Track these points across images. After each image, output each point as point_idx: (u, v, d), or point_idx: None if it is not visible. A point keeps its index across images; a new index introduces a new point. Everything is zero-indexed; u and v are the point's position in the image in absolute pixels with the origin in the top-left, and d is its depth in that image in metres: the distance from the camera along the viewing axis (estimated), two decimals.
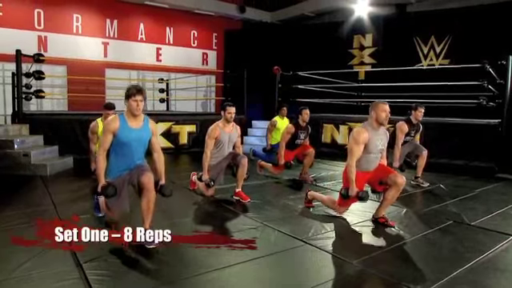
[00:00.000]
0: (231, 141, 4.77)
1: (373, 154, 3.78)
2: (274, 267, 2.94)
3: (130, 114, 3.27)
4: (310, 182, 5.80)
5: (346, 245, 3.38)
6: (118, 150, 3.28)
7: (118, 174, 3.28)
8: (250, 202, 4.63)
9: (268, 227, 3.74)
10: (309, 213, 4.30)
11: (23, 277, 2.63)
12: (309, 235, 3.52)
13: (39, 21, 10.60)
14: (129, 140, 3.24)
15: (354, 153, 3.71)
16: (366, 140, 3.69)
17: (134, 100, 3.19)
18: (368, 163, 3.83)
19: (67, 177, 6.09)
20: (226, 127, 4.71)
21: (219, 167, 4.71)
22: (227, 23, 13.47)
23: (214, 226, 3.89)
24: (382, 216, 3.91)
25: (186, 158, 8.08)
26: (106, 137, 3.24)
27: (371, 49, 11.40)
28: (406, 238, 3.52)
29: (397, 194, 3.85)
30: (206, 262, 2.93)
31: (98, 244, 3.19)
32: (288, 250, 3.21)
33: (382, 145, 3.84)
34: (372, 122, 3.77)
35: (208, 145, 4.65)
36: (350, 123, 8.49)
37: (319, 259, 3.06)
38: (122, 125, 3.24)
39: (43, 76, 7.80)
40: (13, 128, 7.00)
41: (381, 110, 3.70)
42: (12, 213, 4.05)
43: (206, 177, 4.63)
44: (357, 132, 3.74)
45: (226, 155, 4.75)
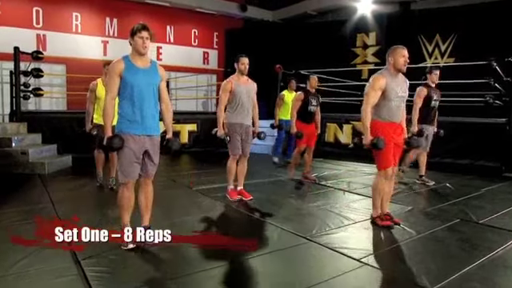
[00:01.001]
0: (249, 94, 4.53)
1: (393, 101, 3.56)
2: (277, 264, 2.91)
3: (135, 54, 3.01)
4: (312, 181, 5.76)
5: (350, 242, 3.34)
6: (126, 95, 2.99)
7: (132, 128, 2.99)
8: (253, 200, 4.60)
9: (271, 225, 3.71)
10: (312, 211, 4.26)
11: (20, 273, 2.60)
12: (312, 233, 3.49)
13: (38, 19, 10.60)
14: (136, 80, 2.96)
15: (370, 98, 3.52)
16: (382, 86, 3.51)
17: (139, 37, 2.94)
18: (390, 112, 3.60)
19: (66, 175, 6.07)
20: (241, 79, 4.52)
21: (235, 131, 4.48)
22: (228, 22, 13.47)
23: (215, 225, 3.85)
24: (388, 213, 3.87)
25: (186, 158, 8.06)
26: (113, 80, 2.97)
27: (375, 47, 11.36)
28: (412, 235, 3.47)
29: (391, 184, 3.81)
30: (207, 259, 2.91)
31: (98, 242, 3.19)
32: (291, 248, 3.18)
33: (403, 91, 3.62)
34: (389, 69, 3.58)
35: (222, 99, 4.47)
36: (353, 122, 8.45)
37: (323, 256, 3.03)
38: (127, 64, 2.97)
39: (42, 74, 7.77)
40: (11, 126, 6.99)
41: (399, 55, 3.51)
42: (9, 210, 4.03)
43: (222, 132, 4.46)
44: (373, 78, 3.57)
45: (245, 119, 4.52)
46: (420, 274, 2.70)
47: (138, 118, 3.01)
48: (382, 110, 3.60)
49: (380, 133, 3.56)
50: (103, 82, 5.05)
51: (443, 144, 5.70)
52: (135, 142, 3.01)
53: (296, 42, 12.08)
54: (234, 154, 4.58)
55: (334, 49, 11.45)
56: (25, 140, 6.66)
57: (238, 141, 4.52)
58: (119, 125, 3.04)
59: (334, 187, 5.44)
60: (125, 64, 2.98)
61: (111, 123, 3.03)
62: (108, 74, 3.05)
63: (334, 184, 5.65)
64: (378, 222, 3.77)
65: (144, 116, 3.02)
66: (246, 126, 4.57)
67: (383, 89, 3.53)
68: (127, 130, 3.00)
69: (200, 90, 13.13)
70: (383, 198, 3.84)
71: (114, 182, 5.09)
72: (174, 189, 5.18)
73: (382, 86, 3.52)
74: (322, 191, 5.23)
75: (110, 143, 2.93)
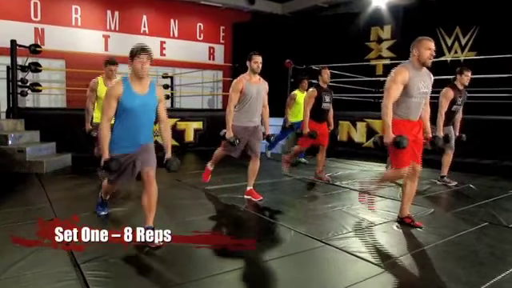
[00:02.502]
0: (260, 94, 4.47)
1: (414, 97, 3.46)
2: (292, 269, 2.81)
3: (134, 78, 3.08)
4: (326, 181, 5.65)
5: (369, 246, 3.23)
6: (122, 118, 3.11)
7: (123, 149, 3.14)
8: (263, 200, 4.50)
9: (283, 227, 3.61)
10: (327, 213, 4.15)
11: (16, 277, 2.53)
12: (328, 236, 3.39)
13: (36, 12, 10.61)
14: (133, 106, 3.06)
15: (391, 93, 3.41)
16: (405, 80, 3.39)
17: (138, 60, 2.99)
18: (409, 109, 3.50)
19: (65, 175, 6.02)
20: (253, 79, 4.44)
21: (242, 135, 4.42)
22: (235, 15, 13.39)
23: (222, 226, 3.78)
24: (408, 215, 3.76)
25: (192, 157, 7.98)
26: (110, 103, 3.07)
27: (390, 41, 11.22)
28: (436, 239, 3.35)
29: (414, 185, 3.70)
30: (216, 263, 2.83)
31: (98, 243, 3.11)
32: (306, 251, 3.08)
33: (426, 87, 3.51)
34: (413, 62, 3.45)
35: (232, 98, 4.40)
36: (368, 120, 8.33)
37: (341, 261, 2.93)
38: (126, 90, 3.06)
39: (40, 68, 7.73)
40: (7, 123, 6.95)
41: (424, 48, 3.39)
42: (5, 211, 3.97)
43: (231, 134, 4.39)
44: (395, 71, 3.45)
45: (253, 120, 4.47)
46: (448, 281, 2.59)
47: (132, 140, 3.14)
48: (401, 107, 3.50)
49: (397, 131, 3.44)
50: (104, 80, 5.01)
51: (465, 143, 5.56)
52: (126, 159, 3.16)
53: (306, 36, 11.98)
54: (227, 151, 4.56)
55: (346, 43, 11.34)
56: (22, 138, 6.61)
57: (240, 144, 4.46)
58: (112, 144, 3.13)
59: (349, 188, 5.33)
60: (123, 88, 3.06)
61: (107, 145, 3.12)
62: (106, 96, 3.14)
63: (349, 184, 5.54)
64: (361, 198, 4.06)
65: (138, 138, 3.16)
66: (253, 127, 4.50)
67: (406, 83, 3.41)
68: (119, 150, 3.13)
69: (205, 87, 13.07)
70: (404, 199, 3.74)
71: None
72: (178, 188, 5.10)
73: (404, 79, 3.40)
74: (337, 192, 5.13)
75: (107, 166, 3.08)
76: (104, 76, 5.04)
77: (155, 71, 12.21)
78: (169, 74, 11.65)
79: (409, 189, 3.69)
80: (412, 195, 3.75)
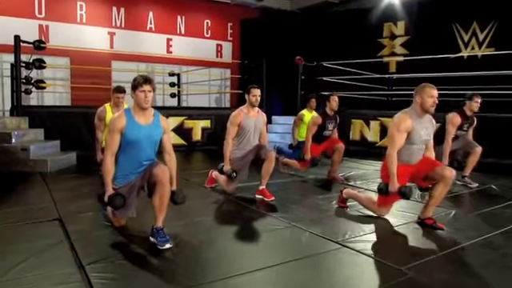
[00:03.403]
0: (257, 128, 4.56)
1: (415, 145, 3.56)
2: (309, 272, 2.69)
3: (137, 109, 3.10)
4: (340, 181, 5.53)
5: (390, 249, 3.12)
6: (126, 150, 3.11)
7: (125, 179, 3.14)
8: (275, 200, 4.40)
9: (297, 228, 3.50)
10: (342, 213, 4.04)
11: (17, 279, 2.44)
12: (345, 237, 3.27)
13: (40, 8, 10.59)
14: (137, 138, 3.07)
15: (396, 141, 3.49)
16: (408, 128, 3.47)
17: (141, 91, 3.01)
18: (410, 156, 3.60)
19: (69, 174, 5.95)
20: (251, 112, 4.53)
21: (244, 161, 4.51)
22: (243, 12, 13.30)
23: (234, 226, 3.67)
24: (430, 217, 3.63)
25: (199, 156, 7.91)
26: (113, 137, 3.06)
27: (403, 38, 11.04)
28: (460, 242, 3.22)
29: (445, 190, 3.57)
30: (229, 265, 2.73)
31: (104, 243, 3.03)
32: (323, 254, 2.96)
33: (427, 135, 3.61)
34: (416, 108, 3.53)
35: (230, 132, 4.48)
36: (381, 118, 8.19)
37: (360, 264, 2.81)
38: (128, 121, 3.06)
39: (44, 65, 7.70)
40: (11, 121, 6.91)
41: (427, 95, 3.45)
42: (6, 210, 3.91)
43: (228, 167, 4.45)
44: (398, 118, 3.53)
45: (251, 147, 4.54)
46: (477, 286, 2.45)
47: (137, 169, 3.12)
48: (402, 153, 3.57)
49: (399, 177, 3.51)
50: (112, 108, 5.00)
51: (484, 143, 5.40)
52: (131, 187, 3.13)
53: (317, 33, 11.85)
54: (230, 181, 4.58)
55: (358, 40, 11.17)
56: (26, 136, 6.57)
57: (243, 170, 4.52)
58: (117, 176, 3.11)
59: (364, 188, 5.21)
60: (126, 120, 3.07)
61: (110, 179, 3.07)
62: (108, 129, 3.13)
63: (363, 184, 5.42)
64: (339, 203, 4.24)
65: (142, 166, 3.13)
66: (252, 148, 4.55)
67: (409, 131, 3.47)
68: (123, 180, 3.12)
69: (213, 85, 12.99)
70: (431, 201, 3.63)
71: None
72: (187, 188, 4.95)
73: (407, 127, 3.48)
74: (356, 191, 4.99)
75: (111, 203, 3.04)
76: (111, 104, 5.02)
77: (162, 69, 12.20)
78: (175, 72, 11.61)
79: (439, 192, 3.56)
80: (440, 199, 3.64)
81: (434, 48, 9.59)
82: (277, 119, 9.94)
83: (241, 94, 12.29)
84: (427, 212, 3.65)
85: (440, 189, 3.54)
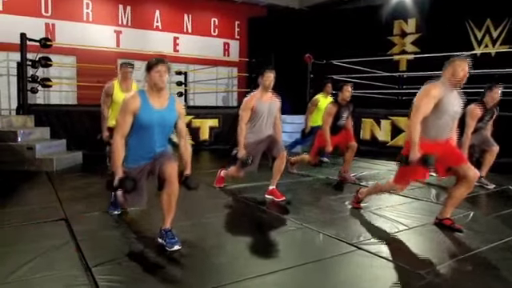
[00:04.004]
0: (271, 112, 4.40)
1: (444, 117, 3.32)
2: (323, 275, 2.60)
3: (152, 91, 2.95)
4: (351, 182, 5.43)
5: (407, 251, 3.01)
6: (137, 133, 2.97)
7: (136, 163, 2.99)
8: (285, 201, 4.31)
9: (309, 229, 3.41)
10: (356, 214, 3.94)
11: (22, 281, 2.39)
12: (360, 239, 3.18)
13: (46, 7, 10.60)
14: (151, 122, 2.93)
15: (421, 108, 3.25)
16: (438, 95, 3.23)
17: (156, 71, 2.87)
18: (438, 129, 3.36)
19: (75, 173, 5.90)
20: (264, 96, 4.36)
21: (256, 149, 4.35)
22: (251, 10, 13.23)
23: (244, 227, 3.59)
24: (448, 218, 3.52)
25: (207, 155, 7.82)
26: (125, 119, 2.91)
27: (414, 35, 10.93)
28: (481, 245, 3.10)
29: (467, 192, 3.46)
30: (240, 268, 2.65)
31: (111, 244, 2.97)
32: (338, 256, 2.87)
33: (458, 107, 3.37)
34: (445, 81, 3.30)
35: (242, 117, 4.34)
36: (392, 117, 8.07)
37: (376, 267, 2.71)
38: (143, 104, 2.91)
39: (50, 63, 7.67)
40: (16, 119, 6.88)
41: (458, 69, 3.22)
42: (13, 210, 3.87)
43: (243, 152, 4.29)
44: (427, 86, 3.31)
45: (265, 134, 4.38)
46: None
47: (148, 153, 3.00)
48: (430, 127, 3.35)
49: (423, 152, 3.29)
50: (120, 85, 4.89)
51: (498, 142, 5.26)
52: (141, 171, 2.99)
53: (325, 31, 11.75)
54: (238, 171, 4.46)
55: (367, 37, 11.07)
56: (32, 134, 6.53)
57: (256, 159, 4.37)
58: (127, 159, 2.97)
59: None
60: (141, 102, 2.92)
61: (120, 163, 2.94)
62: (121, 110, 2.98)
63: None
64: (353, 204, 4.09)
65: (154, 150, 3.01)
66: (266, 136, 4.41)
67: (437, 99, 3.26)
68: (134, 163, 2.98)
69: (220, 84, 12.93)
70: (450, 202, 3.52)
71: None
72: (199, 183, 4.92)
73: (437, 95, 3.26)
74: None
75: (122, 186, 2.89)
76: (119, 79, 4.91)
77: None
78: (182, 71, 11.55)
79: (460, 193, 3.46)
80: (460, 200, 3.53)
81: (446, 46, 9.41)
82: (285, 118, 9.79)
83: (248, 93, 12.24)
84: (446, 212, 3.54)
85: (462, 190, 3.43)
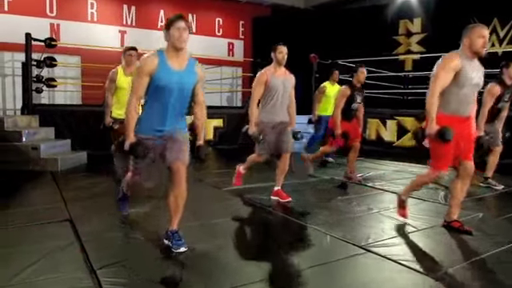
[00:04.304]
0: (286, 88, 4.22)
1: (465, 88, 3.15)
2: (331, 279, 2.55)
3: (171, 50, 2.76)
4: (357, 182, 5.36)
5: (417, 254, 2.95)
6: (154, 97, 2.80)
7: (151, 131, 2.82)
8: (291, 202, 4.26)
9: (317, 231, 3.36)
10: (363, 216, 3.88)
11: (26, 283, 2.35)
12: (368, 241, 3.12)
13: (51, 7, 10.56)
14: (168, 84, 2.73)
15: (439, 80, 3.10)
16: (456, 67, 3.08)
17: (175, 28, 2.69)
18: (460, 102, 3.19)
19: (80, 173, 5.88)
20: (278, 71, 4.22)
21: (268, 132, 4.18)
22: (255, 10, 13.15)
23: (250, 229, 3.55)
24: (456, 219, 3.45)
25: (212, 155, 7.72)
26: (141, 80, 2.73)
27: (420, 35, 10.83)
28: (491, 248, 3.04)
29: (466, 186, 3.40)
30: (245, 272, 2.60)
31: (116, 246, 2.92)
32: (346, 259, 2.82)
33: (479, 78, 3.20)
34: (464, 51, 3.15)
35: (255, 93, 4.18)
36: (398, 117, 8.00)
37: (386, 270, 2.65)
38: (161, 64, 2.72)
39: (55, 63, 7.65)
40: (21, 119, 6.86)
41: (477, 36, 3.09)
42: (17, 210, 3.84)
43: (254, 129, 4.16)
44: (445, 57, 3.14)
45: (280, 117, 4.21)
46: None
47: (162, 121, 2.83)
48: (450, 100, 3.19)
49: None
50: (124, 70, 4.84)
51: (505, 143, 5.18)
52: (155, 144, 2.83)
53: (330, 31, 11.67)
54: (259, 154, 4.30)
55: (372, 37, 10.97)
56: (36, 134, 6.52)
57: (270, 141, 4.21)
58: (140, 128, 2.83)
59: (383, 189, 5.03)
60: (158, 62, 2.73)
61: (132, 127, 2.81)
62: (137, 71, 2.80)
63: (383, 185, 5.24)
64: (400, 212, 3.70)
65: (170, 120, 2.85)
66: (280, 122, 4.25)
67: (457, 70, 3.10)
68: (147, 132, 2.82)
69: (224, 84, 12.87)
70: (453, 202, 3.45)
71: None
72: (201, 188, 4.88)
73: (456, 66, 3.09)
74: (370, 193, 4.84)
75: (133, 151, 2.75)
76: (123, 65, 4.87)
77: None
78: None
79: (459, 190, 3.38)
80: (462, 197, 3.44)
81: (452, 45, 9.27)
82: None
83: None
84: (453, 214, 3.46)
85: (459, 187, 3.37)
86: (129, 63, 4.81)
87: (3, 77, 10.21)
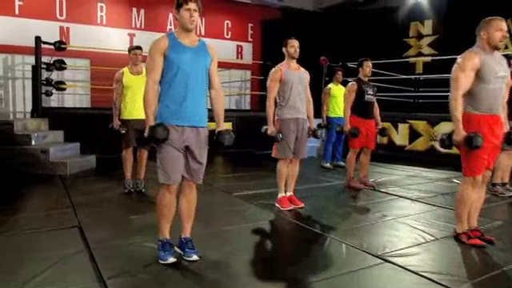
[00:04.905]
0: (302, 82, 4.11)
1: (491, 83, 2.99)
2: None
3: (181, 31, 2.67)
4: (370, 187, 5.24)
5: (437, 265, 2.83)
6: (168, 78, 2.63)
7: (171, 118, 2.61)
8: (304, 208, 4.15)
9: (332, 239, 3.24)
10: (378, 223, 3.76)
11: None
12: (385, 250, 3.01)
13: (61, 10, 10.57)
14: (183, 61, 2.60)
15: (460, 83, 2.96)
16: (475, 65, 2.95)
17: (186, 9, 2.59)
18: (490, 98, 3.02)
19: (89, 177, 5.82)
20: (292, 65, 4.13)
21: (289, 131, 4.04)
22: (264, 12, 13.07)
23: (263, 236, 3.44)
24: (476, 228, 3.32)
25: (221, 159, 7.68)
26: (155, 60, 2.61)
27: (431, 37, 10.66)
28: None
29: (483, 192, 3.28)
30: (259, 282, 2.49)
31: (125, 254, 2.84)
32: (364, 269, 2.70)
33: (504, 71, 3.05)
34: (483, 46, 3.04)
35: (271, 89, 4.07)
36: (410, 121, 7.85)
37: (406, 282, 2.54)
38: (172, 42, 2.62)
39: (65, 66, 7.63)
40: (31, 123, 6.82)
41: (495, 29, 2.98)
42: (27, 215, 3.79)
43: (272, 129, 4.04)
44: (462, 57, 3.01)
45: (300, 114, 4.08)
46: None
47: (182, 105, 2.63)
48: (479, 98, 3.02)
49: (475, 129, 2.99)
50: (130, 69, 4.79)
51: None
52: (177, 134, 2.63)
53: (340, 33, 11.54)
54: (283, 158, 4.14)
55: (383, 39, 10.82)
56: (46, 138, 6.47)
57: (291, 140, 4.06)
58: (159, 113, 2.66)
59: (398, 195, 4.91)
60: (169, 41, 2.63)
61: (152, 112, 2.63)
62: (149, 54, 2.68)
63: (397, 191, 5.11)
64: (464, 240, 3.22)
65: (189, 104, 2.64)
66: (302, 119, 4.13)
67: (477, 68, 2.97)
68: (168, 119, 2.62)
69: (233, 86, 12.81)
70: (471, 210, 3.31)
71: (142, 184, 4.79)
72: (211, 194, 4.79)
73: (474, 65, 2.96)
74: (384, 199, 4.72)
75: (153, 133, 2.52)
76: (129, 65, 4.82)
77: None
78: None
79: (476, 197, 3.25)
80: (480, 204, 3.31)
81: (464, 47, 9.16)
82: None
83: (261, 96, 12.11)
84: (471, 223, 3.33)
85: (476, 193, 3.21)
86: (135, 62, 4.77)
87: (14, 80, 10.24)
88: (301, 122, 4.12)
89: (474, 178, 3.12)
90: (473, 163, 3.08)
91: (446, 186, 5.55)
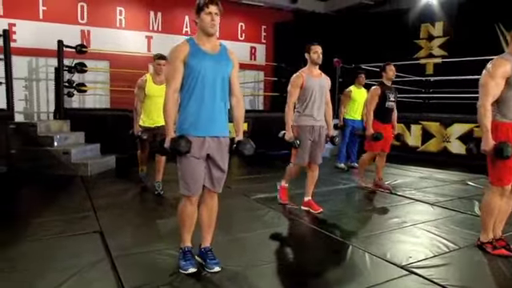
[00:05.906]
0: (322, 90, 3.95)
1: None
2: None
3: (201, 36, 2.49)
4: (387, 190, 5.03)
5: (463, 276, 2.63)
6: (189, 86, 2.45)
7: (192, 130, 2.44)
8: (322, 213, 3.97)
9: (354, 248, 3.06)
10: (397, 229, 3.56)
11: None
12: (409, 261, 2.81)
13: (82, 15, 10.49)
14: (204, 68, 2.43)
15: (489, 90, 2.76)
16: (507, 73, 2.74)
17: (207, 13, 2.44)
18: None
19: (109, 178, 5.70)
20: (314, 71, 3.96)
21: (306, 138, 3.90)
22: (277, 15, 12.87)
23: (282, 243, 3.27)
24: (501, 237, 3.11)
25: (237, 161, 7.50)
26: (175, 67, 2.42)
27: (442, 39, 10.35)
28: None
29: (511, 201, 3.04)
30: None
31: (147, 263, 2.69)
32: (389, 282, 2.51)
33: None
34: None
35: (291, 94, 3.92)
36: (423, 122, 7.60)
37: None
38: (192, 48, 2.44)
39: (86, 68, 7.53)
40: (54, 124, 6.73)
41: None
42: (50, 219, 3.65)
43: (291, 134, 3.90)
44: (493, 63, 2.80)
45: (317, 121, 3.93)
46: None
47: (203, 115, 2.46)
48: (508, 106, 2.80)
49: (504, 138, 2.79)
50: (153, 78, 4.64)
51: None
52: (198, 145, 2.46)
53: (351, 35, 11.28)
54: (297, 163, 4.01)
55: (393, 41, 10.56)
56: (68, 139, 6.38)
57: (306, 147, 3.92)
58: (180, 124, 2.49)
59: (414, 198, 4.69)
60: (190, 47, 2.44)
61: (172, 121, 2.46)
62: (168, 61, 2.51)
63: (413, 194, 4.89)
64: (489, 250, 3.01)
65: (210, 113, 2.48)
66: (318, 127, 3.97)
67: (509, 75, 2.75)
68: (189, 130, 2.45)
69: (246, 86, 12.65)
70: (497, 219, 3.09)
71: (160, 186, 4.65)
72: (229, 197, 4.60)
73: (506, 72, 2.74)
74: (402, 203, 4.51)
75: (175, 146, 2.36)
76: (152, 73, 4.68)
77: None
78: None
79: (504, 205, 3.03)
80: (507, 213, 3.10)
81: (474, 49, 8.87)
82: None
83: (274, 97, 11.92)
84: (496, 231, 3.11)
85: (505, 202, 2.99)
86: (158, 72, 4.62)
87: (37, 81, 10.19)
88: (317, 130, 3.96)
89: (502, 188, 2.90)
90: (501, 172, 2.87)
91: (461, 188, 5.31)
